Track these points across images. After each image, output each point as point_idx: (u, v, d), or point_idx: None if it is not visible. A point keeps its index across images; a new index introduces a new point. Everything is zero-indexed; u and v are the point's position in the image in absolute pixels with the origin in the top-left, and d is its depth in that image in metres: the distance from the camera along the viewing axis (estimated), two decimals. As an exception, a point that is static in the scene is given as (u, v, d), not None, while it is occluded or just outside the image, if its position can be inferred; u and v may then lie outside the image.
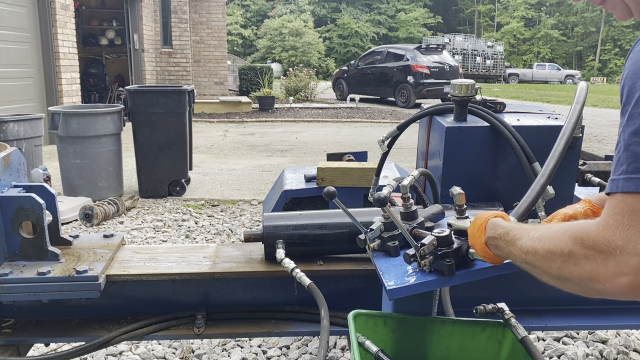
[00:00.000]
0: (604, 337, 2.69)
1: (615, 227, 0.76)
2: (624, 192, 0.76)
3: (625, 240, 0.74)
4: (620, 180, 0.77)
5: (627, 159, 0.77)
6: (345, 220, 1.63)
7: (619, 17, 0.99)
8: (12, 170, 1.64)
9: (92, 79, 12.81)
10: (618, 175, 0.78)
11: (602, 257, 0.77)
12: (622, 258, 0.74)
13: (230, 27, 37.77)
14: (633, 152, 0.76)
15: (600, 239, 0.77)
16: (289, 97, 16.93)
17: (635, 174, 0.75)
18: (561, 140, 1.45)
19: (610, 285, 0.77)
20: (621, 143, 0.79)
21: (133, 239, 4.11)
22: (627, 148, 0.77)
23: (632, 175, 0.76)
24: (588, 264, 0.79)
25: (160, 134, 5.16)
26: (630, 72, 0.80)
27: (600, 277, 0.77)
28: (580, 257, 0.80)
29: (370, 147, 6.11)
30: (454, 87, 1.90)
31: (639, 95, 0.77)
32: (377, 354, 1.27)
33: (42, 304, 1.65)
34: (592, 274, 0.79)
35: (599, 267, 0.77)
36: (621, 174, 0.77)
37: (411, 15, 48.19)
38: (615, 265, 0.75)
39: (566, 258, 0.83)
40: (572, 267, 0.82)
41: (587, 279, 0.80)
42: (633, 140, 0.77)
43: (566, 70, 39.91)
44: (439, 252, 1.20)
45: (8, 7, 7.53)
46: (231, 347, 2.56)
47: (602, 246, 0.77)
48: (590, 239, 0.79)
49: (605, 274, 0.77)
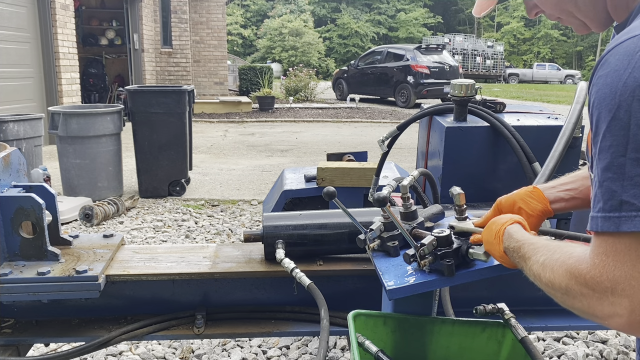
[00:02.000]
0: (604, 337, 2.69)
1: (601, 267, 0.75)
2: (604, 231, 0.75)
3: (613, 282, 0.74)
4: (599, 219, 0.76)
5: (603, 196, 0.75)
6: (345, 220, 1.63)
7: (577, 31, 0.99)
8: (12, 170, 1.64)
9: (92, 79, 12.82)
10: (596, 212, 0.77)
11: (596, 295, 0.76)
12: (614, 299, 0.74)
13: (230, 27, 37.74)
14: (608, 189, 0.74)
15: (590, 279, 0.77)
16: (289, 97, 16.93)
17: (612, 213, 0.74)
18: (561, 140, 1.45)
19: (609, 323, 0.77)
20: (595, 179, 0.78)
21: (133, 239, 4.11)
22: (601, 185, 0.76)
23: (610, 214, 0.74)
24: (585, 300, 0.79)
25: (160, 134, 5.16)
26: (596, 100, 0.77)
27: (598, 314, 0.77)
28: (576, 293, 0.80)
29: (370, 147, 6.11)
30: (454, 87, 1.90)
31: (605, 127, 0.74)
32: (376, 354, 1.27)
33: (42, 304, 1.65)
34: (590, 310, 0.79)
35: (595, 304, 0.77)
36: (599, 211, 0.76)
37: (411, 15, 48.18)
38: (609, 305, 0.75)
39: (565, 292, 0.82)
40: (572, 300, 0.82)
41: (587, 313, 0.80)
42: (607, 176, 0.74)
43: (566, 70, 39.89)
44: (439, 252, 1.19)
45: (8, 7, 7.53)
46: (231, 347, 2.56)
47: (593, 285, 0.76)
48: (582, 277, 0.78)
49: (602, 312, 0.76)
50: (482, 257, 1.17)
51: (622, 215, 0.72)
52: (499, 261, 1.11)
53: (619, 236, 0.73)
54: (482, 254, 1.17)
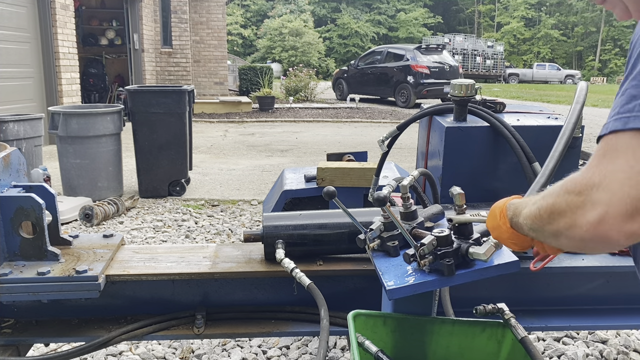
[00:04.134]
0: (604, 337, 2.69)
1: (595, 166, 0.74)
2: (611, 131, 0.74)
3: (602, 177, 0.72)
4: (610, 123, 0.75)
5: (621, 102, 0.75)
6: (345, 220, 1.63)
7: (618, 17, 0.98)
8: (12, 170, 1.64)
9: (92, 79, 12.81)
10: (609, 119, 0.76)
11: (580, 199, 0.75)
12: (596, 194, 0.72)
13: (230, 27, 37.75)
14: (629, 95, 0.74)
15: (580, 181, 0.76)
16: (289, 97, 16.93)
17: (625, 113, 0.73)
18: (561, 140, 1.45)
19: (586, 229, 0.74)
20: (619, 93, 0.78)
21: (133, 239, 4.11)
22: (623, 93, 0.76)
23: (622, 115, 0.74)
24: (569, 211, 0.77)
25: (160, 134, 5.16)
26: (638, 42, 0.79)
27: (579, 221, 0.75)
28: (562, 205, 0.79)
29: (370, 147, 6.11)
30: (453, 87, 1.90)
31: None
32: (376, 354, 1.27)
33: (42, 304, 1.65)
34: (572, 220, 0.77)
35: (579, 212, 0.75)
36: (612, 117, 0.75)
37: (411, 15, 48.19)
38: (590, 204, 0.73)
39: (550, 214, 0.82)
40: (557, 221, 0.80)
41: (569, 226, 0.78)
42: (631, 84, 0.75)
43: (566, 70, 39.90)
44: (439, 252, 1.20)
45: (8, 7, 7.53)
46: (231, 347, 2.56)
47: (581, 187, 0.75)
48: (573, 183, 0.77)
49: (582, 216, 0.74)
50: (482, 256, 1.17)
51: (633, 115, 0.72)
52: (507, 243, 1.09)
53: (622, 134, 0.72)
54: (482, 254, 1.17)
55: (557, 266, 1.69)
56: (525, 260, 1.51)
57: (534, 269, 1.32)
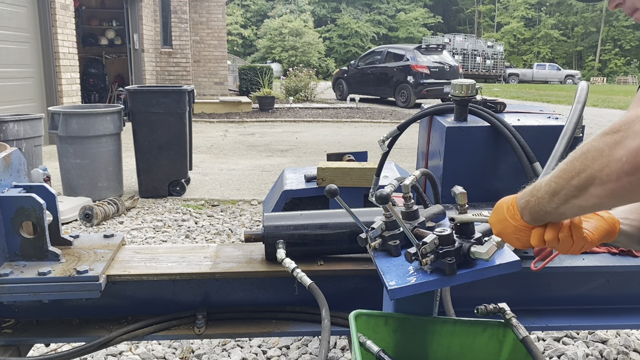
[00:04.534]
0: (604, 337, 2.69)
1: (635, 107, 0.75)
2: None
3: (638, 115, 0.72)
4: None
5: None
6: (346, 220, 1.63)
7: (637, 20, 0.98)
8: (13, 171, 1.64)
9: (92, 79, 12.81)
10: None
11: (619, 135, 0.74)
12: (637, 125, 0.72)
13: (230, 27, 37.76)
14: None
15: (619, 121, 0.76)
16: (289, 97, 16.93)
17: None
18: (562, 140, 1.45)
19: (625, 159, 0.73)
20: None
21: (133, 239, 4.11)
22: None
23: None
24: (606, 148, 0.76)
25: (160, 134, 5.16)
26: None
27: (616, 154, 0.74)
28: (599, 145, 0.78)
29: (370, 147, 6.11)
30: (454, 87, 1.90)
31: None
32: (378, 354, 1.27)
33: (43, 304, 1.65)
34: (607, 159, 0.76)
35: (616, 146, 0.75)
36: None
37: (411, 15, 48.21)
38: (631, 136, 0.73)
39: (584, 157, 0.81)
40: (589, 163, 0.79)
41: (604, 166, 0.77)
42: None
43: (566, 70, 39.92)
44: (441, 251, 1.19)
45: (8, 7, 7.53)
46: (231, 347, 2.56)
47: (619, 125, 0.75)
48: (610, 127, 0.77)
49: (622, 148, 0.74)
50: (483, 255, 1.17)
51: None
52: (511, 241, 1.08)
53: None
54: (484, 253, 1.17)
55: (558, 266, 1.69)
56: (526, 260, 1.51)
57: (535, 269, 1.32)
